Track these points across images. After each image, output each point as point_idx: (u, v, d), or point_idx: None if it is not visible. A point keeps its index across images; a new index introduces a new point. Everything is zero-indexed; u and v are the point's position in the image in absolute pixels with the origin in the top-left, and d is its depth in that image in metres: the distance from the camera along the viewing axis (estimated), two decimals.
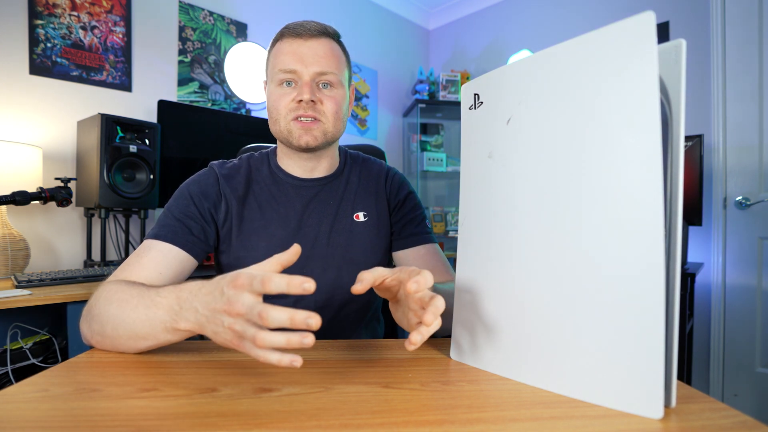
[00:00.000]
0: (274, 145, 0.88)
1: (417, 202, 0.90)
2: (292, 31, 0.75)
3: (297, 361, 0.39)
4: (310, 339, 0.39)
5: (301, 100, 0.73)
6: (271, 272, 0.41)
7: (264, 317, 0.39)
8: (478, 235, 0.54)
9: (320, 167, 0.83)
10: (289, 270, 0.76)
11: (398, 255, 0.86)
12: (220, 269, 0.81)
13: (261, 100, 2.27)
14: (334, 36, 0.79)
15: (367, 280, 0.49)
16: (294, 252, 0.45)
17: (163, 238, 0.69)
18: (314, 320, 0.39)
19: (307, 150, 0.77)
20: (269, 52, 0.80)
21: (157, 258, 0.67)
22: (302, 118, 0.74)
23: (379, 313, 0.92)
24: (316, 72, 0.74)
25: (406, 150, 3.13)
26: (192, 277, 1.45)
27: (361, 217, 0.83)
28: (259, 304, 0.40)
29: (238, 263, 0.76)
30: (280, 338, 0.39)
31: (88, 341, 0.57)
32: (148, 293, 0.52)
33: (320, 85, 0.75)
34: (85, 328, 0.57)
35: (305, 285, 0.39)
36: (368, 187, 0.86)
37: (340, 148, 0.89)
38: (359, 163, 0.89)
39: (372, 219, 0.83)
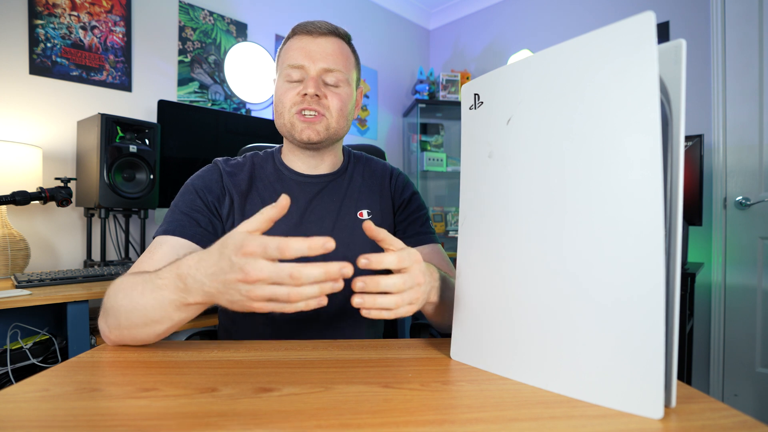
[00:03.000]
0: (278, 145, 0.89)
1: (421, 203, 0.90)
2: (303, 29, 0.77)
3: (324, 300, 0.43)
4: (340, 284, 0.43)
5: (305, 94, 0.74)
6: (285, 238, 0.42)
7: (297, 277, 0.40)
8: (478, 235, 0.54)
9: (324, 164, 0.84)
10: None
11: None
12: None
13: (261, 99, 2.27)
14: (345, 37, 0.80)
15: (373, 231, 0.52)
16: (283, 205, 0.45)
17: (172, 233, 0.69)
18: (348, 269, 0.43)
19: (310, 144, 0.77)
20: (280, 49, 0.81)
21: (169, 253, 0.67)
22: (306, 112, 0.75)
23: None
24: (323, 68, 0.75)
25: (406, 150, 3.13)
26: None
27: (364, 214, 0.83)
28: (287, 266, 0.41)
29: None
30: (313, 290, 0.42)
31: (108, 338, 0.58)
32: (150, 278, 0.52)
33: (327, 82, 0.76)
34: (102, 325, 0.58)
35: (327, 245, 0.41)
36: (372, 185, 0.87)
37: (343, 147, 0.90)
38: (363, 162, 0.90)
39: (375, 217, 0.84)
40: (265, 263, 0.41)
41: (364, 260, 0.46)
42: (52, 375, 0.47)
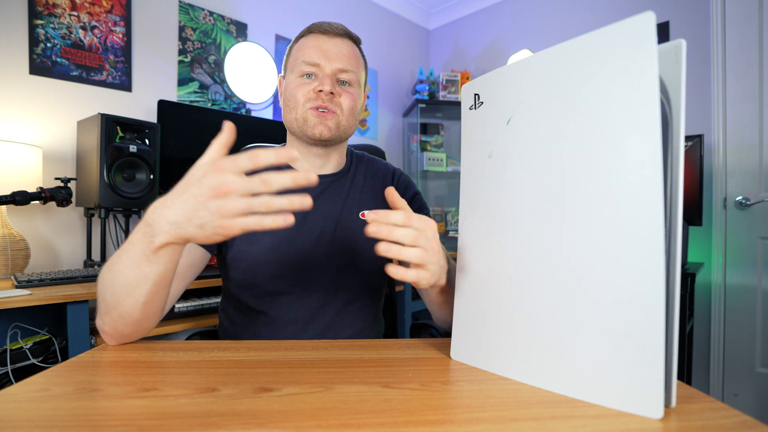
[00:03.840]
0: (279, 145, 0.89)
1: (423, 203, 0.91)
2: (319, 28, 0.79)
3: (290, 218, 0.43)
4: (308, 201, 0.43)
5: (320, 91, 0.75)
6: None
7: (268, 181, 0.42)
8: (478, 235, 0.54)
9: (329, 165, 0.84)
10: (291, 267, 0.77)
11: None
12: (225, 265, 0.81)
13: (261, 99, 2.27)
14: (356, 41, 0.83)
15: (394, 197, 0.54)
16: (229, 129, 0.48)
17: None
18: (312, 175, 0.44)
19: (320, 141, 0.78)
20: (291, 47, 0.83)
21: None
22: (320, 110, 0.76)
23: (380, 313, 0.93)
24: (337, 68, 0.77)
25: (406, 150, 3.13)
26: (200, 277, 1.45)
27: (366, 215, 0.83)
28: (257, 175, 0.43)
29: (242, 257, 0.77)
30: (283, 200, 0.43)
31: (104, 331, 0.57)
32: (124, 244, 0.53)
33: (339, 82, 0.78)
34: (98, 321, 0.57)
35: (291, 153, 0.43)
36: (374, 186, 0.87)
37: (347, 147, 0.90)
38: (365, 163, 0.90)
39: None
40: (236, 176, 0.43)
41: (372, 215, 0.48)
42: (52, 375, 0.47)
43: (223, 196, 0.42)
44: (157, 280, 0.52)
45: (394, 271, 0.51)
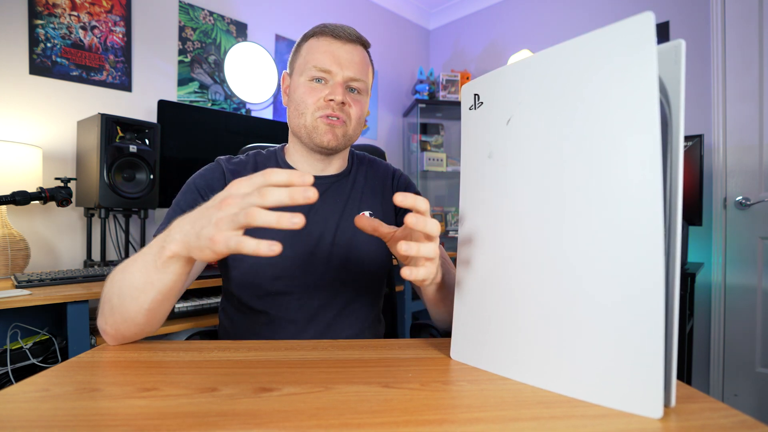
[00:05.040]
0: (279, 145, 0.89)
1: None
2: (332, 32, 0.78)
3: (275, 245, 0.40)
4: (299, 219, 0.41)
5: (331, 100, 0.75)
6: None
7: (264, 193, 0.41)
8: (477, 235, 0.54)
9: (330, 167, 0.85)
10: (292, 267, 0.77)
11: None
12: (225, 265, 0.81)
13: (261, 99, 2.27)
14: (366, 46, 0.82)
15: (363, 221, 0.55)
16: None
17: None
18: (311, 192, 0.42)
19: (327, 149, 0.78)
20: (300, 45, 0.81)
21: None
22: (331, 118, 0.76)
23: (381, 313, 0.93)
24: (349, 76, 0.77)
25: (406, 150, 3.13)
26: (200, 277, 1.45)
27: (366, 216, 0.83)
28: (255, 191, 0.42)
29: (243, 257, 0.77)
30: (271, 217, 0.41)
31: (105, 331, 0.57)
32: (142, 249, 0.54)
33: (349, 89, 0.78)
34: (100, 321, 0.57)
35: (305, 179, 0.43)
36: (375, 187, 0.87)
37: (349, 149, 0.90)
38: (366, 164, 0.90)
39: (378, 218, 0.84)
40: (243, 189, 0.42)
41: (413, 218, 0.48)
42: (52, 375, 0.47)
43: (224, 207, 0.42)
44: (163, 290, 0.52)
45: (408, 273, 0.50)
